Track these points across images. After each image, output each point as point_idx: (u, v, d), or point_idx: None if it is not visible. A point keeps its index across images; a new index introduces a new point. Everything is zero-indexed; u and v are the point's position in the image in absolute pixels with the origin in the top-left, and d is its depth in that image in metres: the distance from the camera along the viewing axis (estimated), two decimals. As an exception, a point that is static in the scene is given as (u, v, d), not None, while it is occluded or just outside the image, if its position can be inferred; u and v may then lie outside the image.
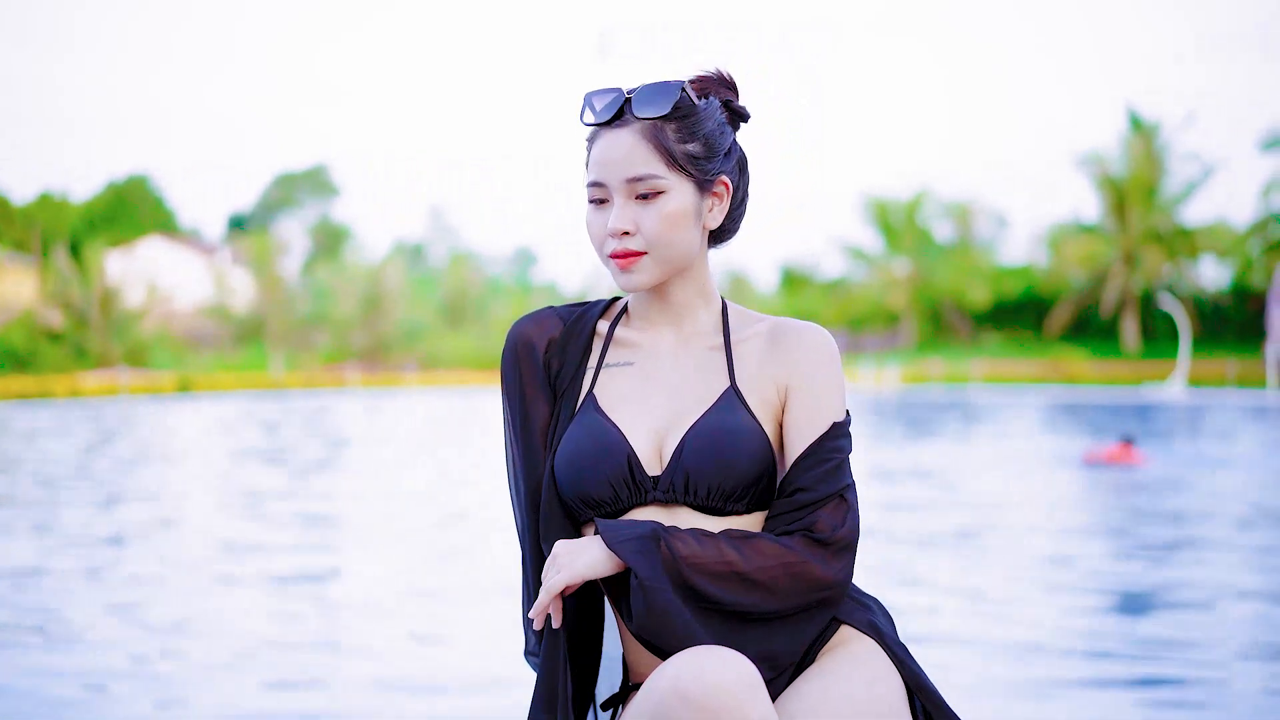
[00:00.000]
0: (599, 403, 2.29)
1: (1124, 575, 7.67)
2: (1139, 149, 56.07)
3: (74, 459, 16.64)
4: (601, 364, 2.34)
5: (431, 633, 5.98)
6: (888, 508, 10.80)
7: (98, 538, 9.29)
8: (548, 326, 2.37)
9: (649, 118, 2.20)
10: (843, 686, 2.12)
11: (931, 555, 8.47)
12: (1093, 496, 12.06)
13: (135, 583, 7.41)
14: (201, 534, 9.66)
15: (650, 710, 1.98)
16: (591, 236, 2.26)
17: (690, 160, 2.22)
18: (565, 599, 2.24)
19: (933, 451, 17.68)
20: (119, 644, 5.69)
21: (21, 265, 62.81)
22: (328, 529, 10.07)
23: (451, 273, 69.28)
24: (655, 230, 2.20)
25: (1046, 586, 7.24)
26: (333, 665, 5.38)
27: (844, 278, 67.74)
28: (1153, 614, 6.47)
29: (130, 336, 54.25)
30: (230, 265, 69.20)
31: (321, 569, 7.96)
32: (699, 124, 2.23)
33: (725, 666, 1.93)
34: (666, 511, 2.20)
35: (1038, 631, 5.94)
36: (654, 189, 2.20)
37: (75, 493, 12.39)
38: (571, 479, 2.23)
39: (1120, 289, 55.93)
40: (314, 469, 15.48)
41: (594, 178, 2.23)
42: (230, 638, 5.84)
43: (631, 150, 2.20)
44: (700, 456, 2.17)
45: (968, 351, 57.68)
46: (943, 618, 6.28)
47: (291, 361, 58.21)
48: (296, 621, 6.32)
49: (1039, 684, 4.97)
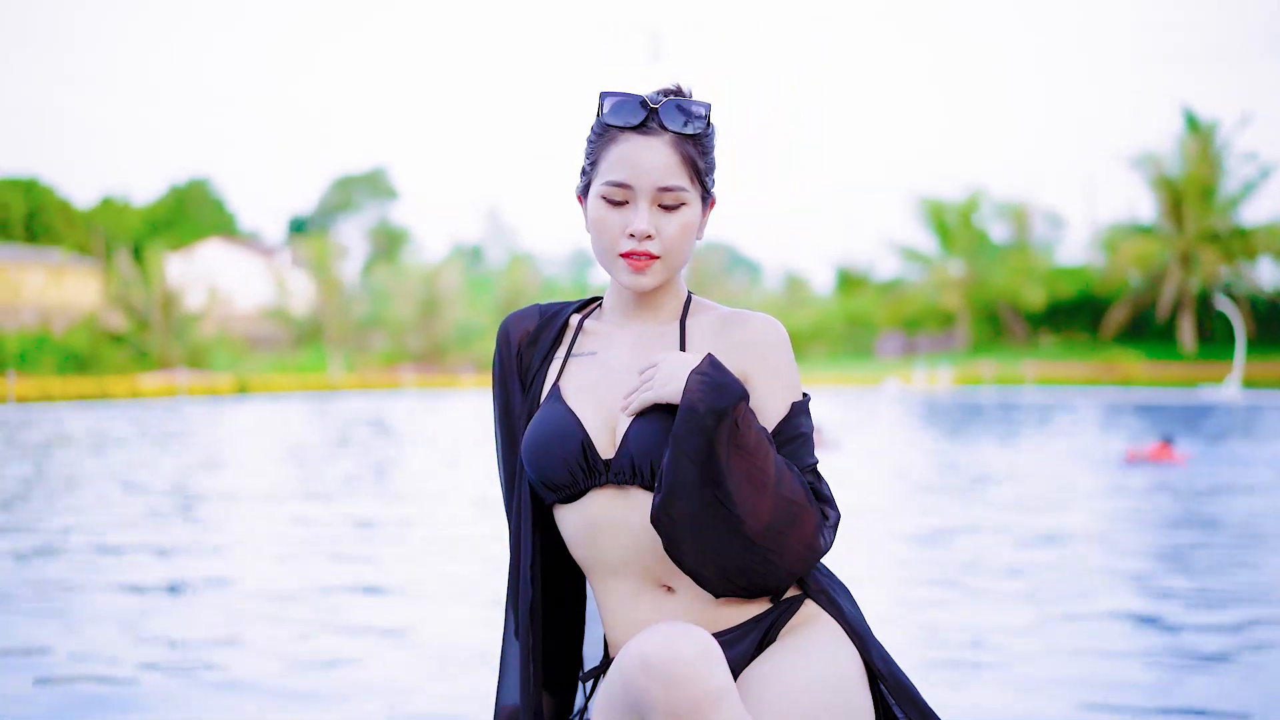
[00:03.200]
0: (561, 391, 2.41)
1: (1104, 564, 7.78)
2: (1195, 149, 55.58)
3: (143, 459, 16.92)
4: (569, 354, 2.47)
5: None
6: (901, 501, 10.90)
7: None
8: (526, 321, 2.53)
9: (681, 132, 2.33)
10: (801, 664, 2.24)
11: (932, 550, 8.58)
12: (1114, 493, 12.10)
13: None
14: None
15: (619, 680, 2.10)
16: (602, 234, 2.36)
17: (704, 175, 2.37)
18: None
19: (967, 449, 17.76)
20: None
21: (84, 268, 63.60)
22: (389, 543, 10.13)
23: (508, 274, 69.28)
24: (674, 238, 2.34)
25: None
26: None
27: (899, 279, 67.52)
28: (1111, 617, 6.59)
29: (190, 338, 54.67)
30: (290, 268, 69.62)
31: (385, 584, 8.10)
32: (711, 143, 2.39)
33: (687, 640, 2.05)
34: (620, 492, 2.31)
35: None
36: (679, 200, 2.33)
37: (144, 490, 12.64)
38: (534, 463, 2.36)
39: (1176, 290, 55.42)
40: (369, 474, 15.66)
41: (620, 179, 2.33)
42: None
43: (665, 159, 2.31)
44: (646, 439, 2.28)
45: (1023, 353, 57.36)
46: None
47: (350, 363, 58.54)
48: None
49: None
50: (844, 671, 2.28)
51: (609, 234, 2.35)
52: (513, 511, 2.48)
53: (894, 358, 62.50)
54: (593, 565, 2.38)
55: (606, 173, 2.34)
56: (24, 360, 44.28)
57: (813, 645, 2.29)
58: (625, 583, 2.35)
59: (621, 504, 2.32)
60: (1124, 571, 7.77)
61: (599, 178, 2.36)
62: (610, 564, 2.35)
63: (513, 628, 2.45)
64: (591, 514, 2.34)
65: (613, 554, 2.34)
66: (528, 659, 2.40)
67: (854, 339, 66.24)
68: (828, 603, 2.37)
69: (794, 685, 2.22)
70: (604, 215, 2.35)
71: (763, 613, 2.34)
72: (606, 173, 2.34)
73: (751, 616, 2.34)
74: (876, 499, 11.64)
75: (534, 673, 2.39)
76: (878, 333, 65.58)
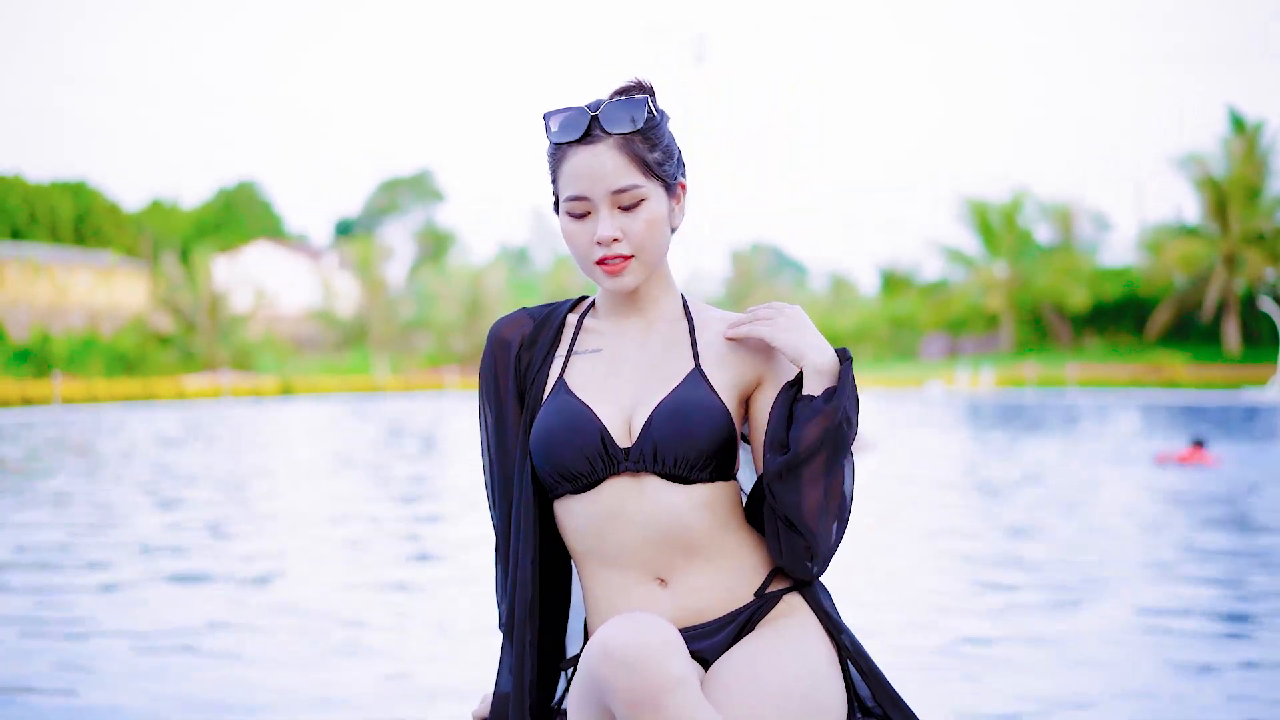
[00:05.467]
0: (569, 385, 2.47)
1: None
2: (1240, 149, 55.05)
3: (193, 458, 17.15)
4: (571, 351, 2.52)
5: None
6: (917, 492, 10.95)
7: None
8: (520, 325, 2.56)
9: (621, 132, 2.37)
10: (773, 652, 2.31)
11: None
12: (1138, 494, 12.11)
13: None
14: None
15: (584, 669, 2.17)
16: (575, 247, 2.41)
17: (659, 167, 2.41)
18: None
19: (995, 450, 17.74)
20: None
21: (132, 270, 64.09)
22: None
23: (553, 276, 69.37)
24: (641, 235, 2.39)
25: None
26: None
27: (943, 280, 67.20)
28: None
29: (237, 340, 55.02)
30: (336, 270, 69.90)
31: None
32: (660, 133, 2.42)
33: (647, 629, 2.11)
34: (635, 481, 2.38)
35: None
36: (636, 198, 2.37)
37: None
38: (547, 455, 2.41)
39: (1221, 291, 54.84)
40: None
41: (576, 192, 2.38)
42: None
43: (612, 163, 2.36)
44: (667, 429, 2.36)
45: (1067, 355, 56.97)
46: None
47: (395, 365, 58.74)
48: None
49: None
50: (815, 661, 2.35)
51: (580, 246, 2.41)
52: (514, 510, 2.50)
53: (938, 360, 62.20)
54: (591, 555, 2.43)
55: (564, 189, 2.41)
56: (72, 362, 44.66)
57: (787, 635, 2.37)
58: (620, 574, 2.40)
59: (634, 493, 2.38)
60: (1151, 569, 7.81)
61: (560, 195, 2.43)
62: (610, 554, 2.40)
63: (507, 623, 2.49)
64: (604, 503, 2.39)
65: (615, 544, 2.39)
66: (523, 653, 2.44)
67: (898, 341, 65.97)
68: (808, 596, 2.45)
69: (763, 672, 2.28)
70: (572, 229, 2.41)
71: (745, 605, 2.42)
72: (564, 189, 2.41)
73: (735, 609, 2.41)
74: (901, 498, 11.69)
75: (529, 666, 2.44)
76: (922, 335, 65.33)
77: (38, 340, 46.15)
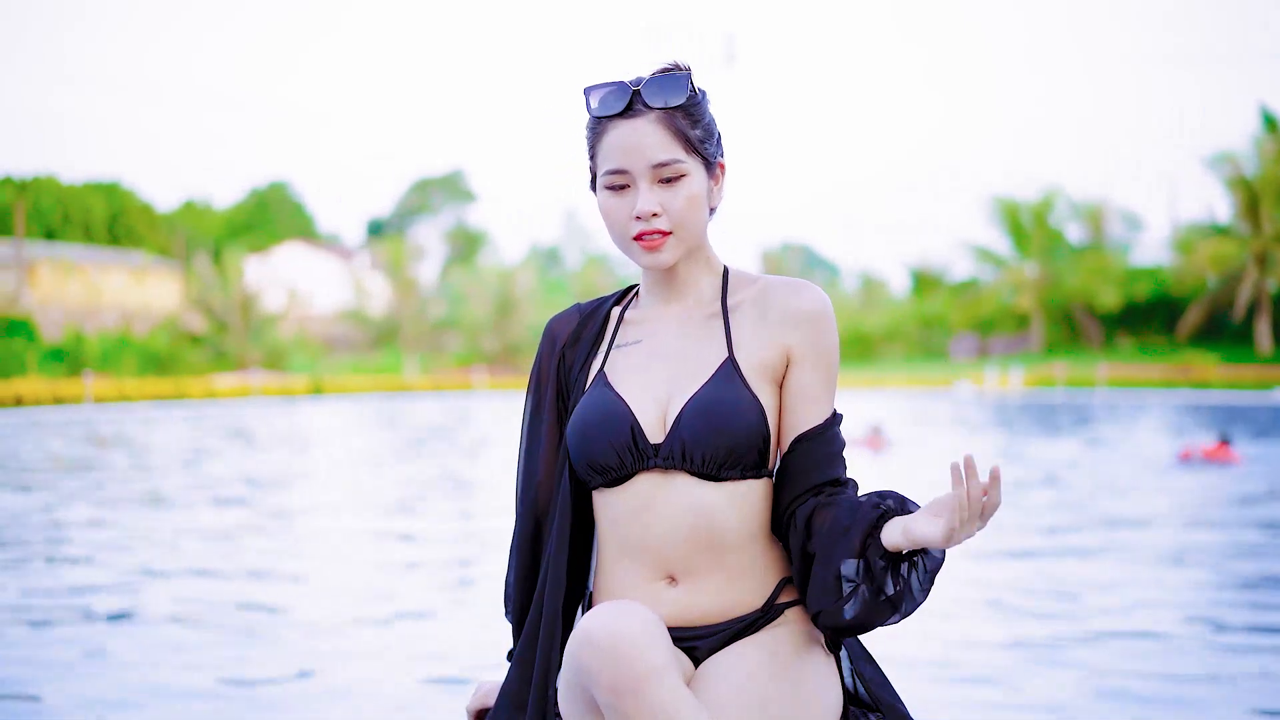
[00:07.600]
0: (608, 378, 2.46)
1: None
2: (1272, 149, 54.68)
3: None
4: (613, 344, 2.52)
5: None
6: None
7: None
8: (569, 321, 2.59)
9: (664, 107, 2.35)
10: (766, 655, 2.32)
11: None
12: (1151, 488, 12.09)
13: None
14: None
15: (568, 657, 2.18)
16: (612, 221, 2.40)
17: (700, 144, 2.38)
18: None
19: (1017, 449, 17.72)
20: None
21: (165, 271, 64.41)
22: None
23: (583, 275, 69.36)
24: (681, 211, 2.36)
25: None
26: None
27: (973, 280, 66.99)
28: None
29: (269, 340, 55.24)
30: (368, 270, 70.07)
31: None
32: (702, 110, 2.40)
33: (628, 616, 2.13)
34: (665, 477, 2.37)
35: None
36: (677, 172, 2.35)
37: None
38: (581, 447, 2.41)
39: (1253, 291, 54.53)
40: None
41: (616, 165, 2.37)
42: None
43: (653, 137, 2.34)
44: (697, 426, 2.34)
45: (1097, 356, 56.68)
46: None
47: (425, 364, 58.85)
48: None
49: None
50: (810, 659, 2.37)
51: (618, 221, 2.39)
52: (525, 508, 2.53)
53: (968, 359, 62.04)
54: (614, 546, 2.43)
55: (604, 163, 2.39)
56: (106, 361, 44.90)
57: (782, 638, 2.37)
58: (634, 568, 2.39)
59: (664, 488, 2.37)
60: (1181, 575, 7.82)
61: (599, 170, 2.41)
62: (632, 547, 2.39)
63: (533, 619, 2.47)
64: (635, 497, 2.38)
65: (639, 537, 2.38)
66: (550, 650, 2.41)
67: (928, 341, 65.84)
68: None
69: (753, 667, 2.30)
70: (610, 204, 2.40)
71: (750, 613, 2.40)
72: (604, 163, 2.39)
73: (741, 614, 2.39)
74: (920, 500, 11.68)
75: (556, 661, 2.41)
76: (952, 335, 65.16)
77: (71, 340, 46.39)
